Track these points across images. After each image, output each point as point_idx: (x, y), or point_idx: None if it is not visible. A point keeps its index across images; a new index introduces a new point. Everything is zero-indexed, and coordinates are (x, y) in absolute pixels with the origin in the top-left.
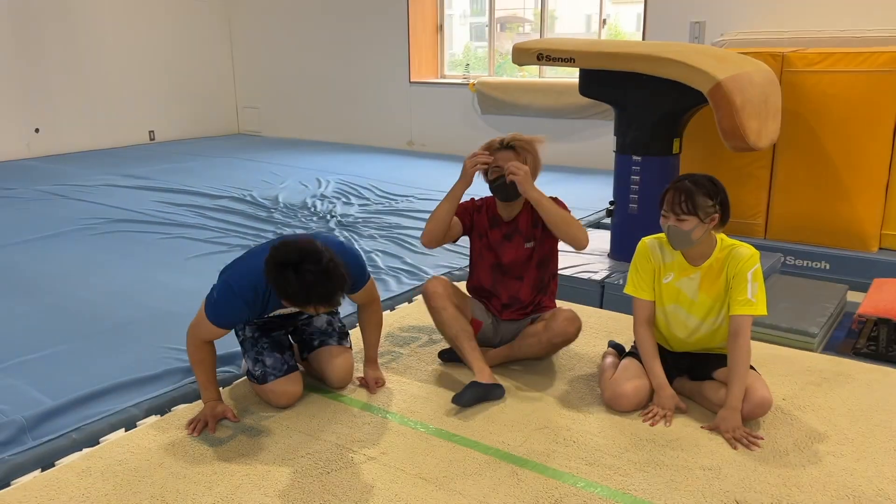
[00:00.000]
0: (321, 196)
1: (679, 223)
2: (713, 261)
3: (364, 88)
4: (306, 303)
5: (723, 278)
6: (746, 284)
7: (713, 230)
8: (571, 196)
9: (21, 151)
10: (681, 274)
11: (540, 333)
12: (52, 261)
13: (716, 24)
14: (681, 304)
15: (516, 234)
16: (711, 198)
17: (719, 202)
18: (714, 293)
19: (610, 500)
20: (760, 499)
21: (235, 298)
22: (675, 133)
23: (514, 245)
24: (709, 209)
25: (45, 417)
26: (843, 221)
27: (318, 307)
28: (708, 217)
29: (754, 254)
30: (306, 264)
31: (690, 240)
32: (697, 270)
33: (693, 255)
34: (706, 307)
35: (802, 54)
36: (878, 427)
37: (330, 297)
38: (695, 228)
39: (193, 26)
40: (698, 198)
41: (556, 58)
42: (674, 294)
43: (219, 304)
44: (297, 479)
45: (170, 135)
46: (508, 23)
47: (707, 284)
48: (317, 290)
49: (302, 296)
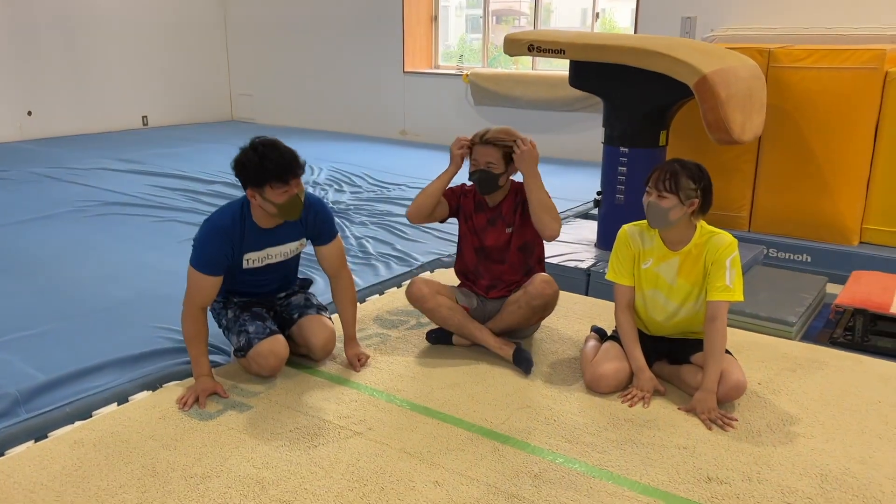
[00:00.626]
0: (313, 183)
1: (659, 200)
2: (692, 246)
3: (358, 78)
4: (264, 172)
5: (701, 264)
6: (724, 271)
7: (693, 217)
8: (561, 188)
9: (13, 134)
10: (660, 259)
11: (519, 298)
12: (44, 242)
13: (707, 20)
14: (659, 288)
15: (499, 220)
16: (695, 182)
17: (701, 188)
18: (692, 278)
19: (587, 475)
20: (731, 475)
21: (214, 231)
22: (662, 125)
23: (497, 229)
24: (690, 192)
25: (39, 391)
26: (825, 215)
27: (281, 176)
28: (688, 200)
29: (732, 241)
30: (260, 144)
31: (668, 219)
32: (676, 256)
33: (672, 240)
34: (685, 292)
35: (788, 51)
36: (847, 411)
37: (286, 163)
38: (673, 208)
39: (188, 12)
40: (682, 179)
41: (546, 49)
42: (653, 279)
43: (202, 245)
44: (285, 452)
45: (163, 120)
46: (504, 15)
47: (685, 270)
48: (271, 157)
49: (260, 165)
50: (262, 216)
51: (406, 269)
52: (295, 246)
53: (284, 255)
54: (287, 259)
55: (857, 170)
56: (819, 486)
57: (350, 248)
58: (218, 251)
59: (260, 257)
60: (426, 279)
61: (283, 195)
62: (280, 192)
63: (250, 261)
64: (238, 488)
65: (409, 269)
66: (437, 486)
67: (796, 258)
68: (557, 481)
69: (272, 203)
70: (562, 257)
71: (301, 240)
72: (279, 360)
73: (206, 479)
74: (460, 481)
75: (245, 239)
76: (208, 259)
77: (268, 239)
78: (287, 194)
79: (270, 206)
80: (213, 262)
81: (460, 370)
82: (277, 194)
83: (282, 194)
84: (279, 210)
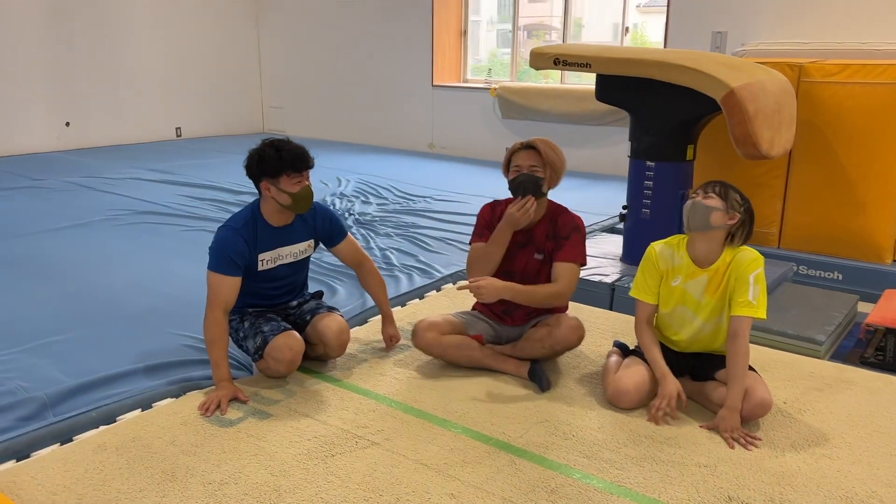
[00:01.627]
0: (340, 194)
1: (705, 199)
2: (720, 264)
3: (387, 91)
4: (281, 161)
5: (727, 280)
6: (748, 287)
7: (730, 237)
8: (588, 202)
9: (52, 144)
10: (688, 276)
11: (543, 339)
12: (76, 249)
13: (738, 35)
14: (687, 305)
15: (530, 244)
16: (741, 199)
17: (745, 208)
18: (718, 295)
19: (604, 491)
20: (753, 496)
21: (228, 233)
22: (690, 140)
23: (527, 253)
24: (736, 204)
25: (66, 396)
26: (857, 232)
27: (296, 165)
28: (732, 210)
29: (758, 258)
30: (274, 140)
31: (708, 220)
32: (705, 273)
33: (701, 257)
34: (710, 308)
35: (820, 65)
36: (876, 432)
37: (301, 153)
38: (717, 210)
39: (222, 26)
40: (731, 191)
41: (572, 63)
42: (681, 296)
43: (218, 247)
44: (302, 460)
45: (196, 132)
46: (535, 30)
47: (713, 287)
48: (287, 148)
49: (277, 156)
50: (273, 213)
51: (428, 281)
52: (304, 247)
53: (294, 257)
54: (297, 261)
55: (890, 186)
56: None
57: (374, 259)
58: (234, 251)
59: (272, 257)
60: (429, 322)
61: (298, 185)
62: (295, 182)
63: (264, 261)
64: (255, 495)
65: (430, 281)
66: (452, 499)
67: (827, 276)
68: (573, 497)
69: (287, 193)
70: (586, 271)
71: (310, 241)
72: (294, 353)
73: (223, 486)
74: (476, 494)
75: (258, 239)
76: (226, 260)
77: (279, 239)
78: (300, 184)
79: (285, 196)
80: (231, 263)
81: (480, 383)
82: (292, 184)
83: (296, 184)
84: (293, 200)
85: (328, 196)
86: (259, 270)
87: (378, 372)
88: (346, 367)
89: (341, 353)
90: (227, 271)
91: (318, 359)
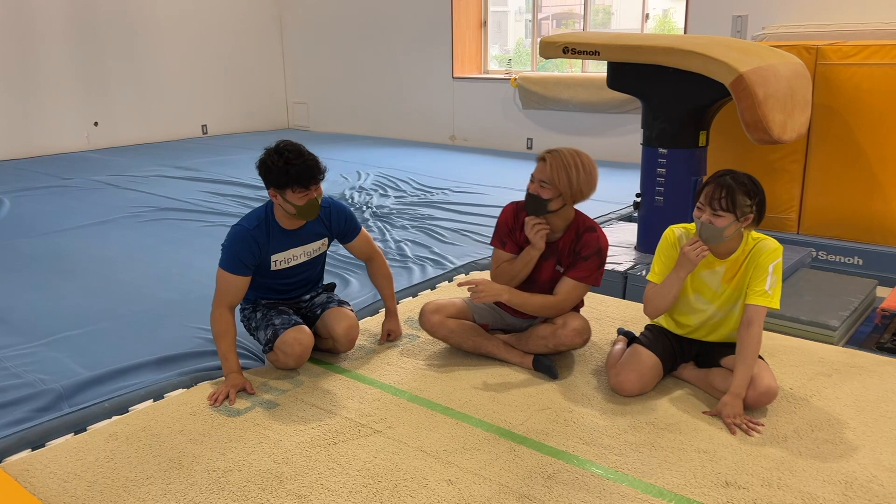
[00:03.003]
0: (359, 188)
1: (714, 219)
2: (739, 254)
3: (408, 84)
4: (287, 177)
5: (745, 269)
6: (766, 276)
7: (745, 228)
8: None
9: (81, 144)
10: (706, 266)
11: (547, 338)
12: (99, 245)
13: (758, 18)
14: (703, 293)
15: (553, 256)
16: (750, 198)
17: (756, 202)
18: (735, 283)
19: (602, 477)
20: (751, 480)
21: (241, 234)
22: (702, 126)
23: (549, 265)
24: (746, 209)
25: (81, 387)
26: (878, 216)
27: (303, 182)
28: (743, 216)
29: (778, 248)
30: (284, 150)
31: (722, 237)
32: (723, 263)
33: (720, 249)
34: (726, 296)
35: (837, 47)
36: (882, 417)
37: (308, 170)
38: (729, 226)
39: (246, 25)
40: (738, 196)
41: (580, 51)
42: (698, 285)
43: (230, 247)
44: (305, 448)
45: (222, 129)
46: (564, 19)
47: (730, 276)
48: (295, 163)
49: (284, 170)
50: (283, 216)
51: (441, 272)
52: (318, 246)
53: (308, 255)
54: (311, 259)
55: None
56: (842, 493)
57: (388, 251)
58: (245, 252)
59: (286, 258)
60: (436, 305)
61: (304, 199)
62: (301, 196)
63: (277, 262)
64: (257, 482)
65: (443, 271)
66: (449, 485)
67: (847, 261)
68: (570, 482)
69: (292, 205)
70: None
71: (323, 239)
72: (304, 347)
73: (227, 473)
74: (473, 480)
75: (271, 241)
76: (236, 260)
77: (292, 240)
78: (307, 198)
79: (290, 206)
80: (241, 263)
81: (484, 372)
82: (298, 198)
83: (302, 198)
84: (298, 211)
85: (347, 190)
86: (272, 270)
87: (385, 362)
88: (354, 358)
89: (350, 348)
90: (237, 270)
91: (327, 351)
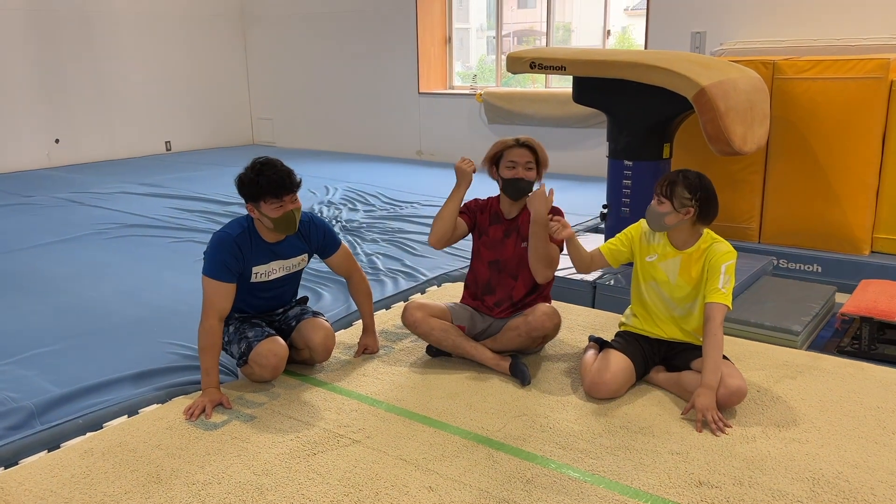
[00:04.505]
0: (328, 202)
1: (658, 205)
2: (694, 250)
3: (374, 99)
4: (259, 188)
5: (700, 266)
6: (719, 276)
7: (695, 223)
8: (572, 203)
9: (42, 161)
10: (664, 256)
11: (519, 326)
12: (65, 263)
13: (716, 34)
14: (659, 283)
15: (514, 232)
16: (690, 191)
17: (698, 198)
18: (691, 279)
19: (579, 480)
20: (722, 480)
21: (224, 239)
22: (665, 138)
23: (512, 242)
24: (685, 200)
25: (54, 405)
26: (835, 225)
27: (274, 192)
28: (683, 208)
29: (731, 251)
30: (259, 163)
31: (664, 223)
32: (679, 255)
33: (677, 241)
34: (684, 292)
35: (792, 62)
36: (845, 416)
37: (279, 180)
38: (669, 214)
39: (209, 40)
40: (678, 187)
41: (547, 66)
42: (654, 272)
43: (213, 253)
44: (285, 459)
45: (186, 145)
46: (525, 36)
47: (685, 270)
48: (267, 174)
49: (255, 182)
50: (263, 230)
51: (413, 284)
52: (298, 261)
53: (288, 270)
54: (290, 273)
55: (865, 179)
56: (810, 489)
57: (360, 264)
58: (229, 257)
59: (266, 271)
60: (420, 303)
61: (278, 210)
62: (275, 207)
63: (258, 274)
64: (237, 494)
65: (415, 283)
66: (430, 492)
67: (807, 269)
68: (549, 486)
69: (268, 217)
70: (569, 270)
71: (304, 255)
72: (279, 358)
73: (206, 486)
74: (453, 486)
75: (253, 251)
76: (220, 266)
77: (273, 253)
78: (282, 209)
79: (267, 220)
80: (226, 268)
81: (460, 380)
82: (272, 209)
83: (276, 209)
84: (275, 224)
85: (316, 204)
86: (252, 282)
87: (361, 373)
88: (330, 370)
89: (326, 358)
90: (222, 277)
91: (303, 363)
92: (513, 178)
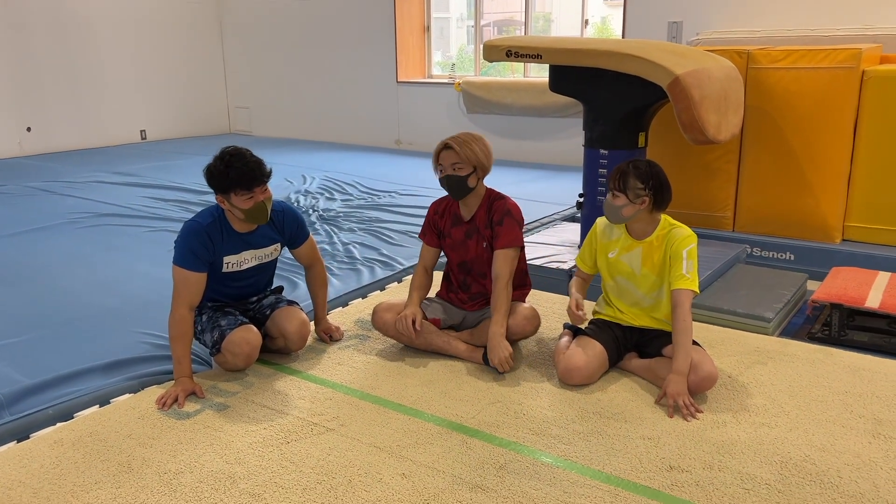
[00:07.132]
0: (305, 192)
1: (612, 198)
2: (654, 238)
3: (353, 88)
4: (228, 180)
5: (661, 253)
6: (682, 261)
7: (651, 211)
8: (549, 192)
9: (13, 150)
10: (624, 249)
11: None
12: (37, 253)
13: (692, 24)
14: (626, 276)
15: (475, 234)
16: (642, 181)
17: (651, 187)
18: (655, 267)
19: (552, 465)
20: (693, 464)
21: (194, 228)
22: (641, 127)
23: (474, 243)
24: (638, 191)
25: (23, 395)
26: (808, 214)
27: (245, 184)
28: (638, 199)
29: (691, 235)
30: (227, 154)
31: (621, 215)
32: (640, 245)
33: (636, 231)
34: (650, 281)
35: (766, 52)
36: (814, 401)
37: (249, 171)
38: (625, 206)
39: (185, 28)
40: (630, 179)
41: (523, 54)
42: (619, 267)
43: (183, 242)
44: (258, 448)
45: (161, 134)
46: (504, 25)
47: (647, 258)
48: (236, 166)
49: (225, 174)
50: (234, 220)
51: (389, 273)
52: (271, 251)
53: (260, 259)
54: (262, 263)
55: (837, 168)
56: (778, 472)
57: (337, 253)
58: (199, 246)
59: (238, 261)
60: (388, 305)
61: (249, 201)
62: (245, 199)
63: (230, 264)
64: (210, 483)
65: (392, 272)
66: (403, 478)
67: (780, 257)
68: (522, 472)
69: (238, 209)
70: (545, 259)
71: (276, 245)
72: (252, 347)
73: (178, 475)
74: (427, 473)
75: (224, 241)
76: (191, 255)
77: (245, 243)
78: (252, 201)
79: (238, 211)
80: (196, 257)
81: (435, 368)
82: (242, 201)
83: (247, 201)
84: (245, 215)
85: (293, 193)
86: (223, 272)
87: (335, 362)
88: (304, 358)
89: (302, 346)
90: (192, 266)
91: (277, 351)
92: (442, 177)
